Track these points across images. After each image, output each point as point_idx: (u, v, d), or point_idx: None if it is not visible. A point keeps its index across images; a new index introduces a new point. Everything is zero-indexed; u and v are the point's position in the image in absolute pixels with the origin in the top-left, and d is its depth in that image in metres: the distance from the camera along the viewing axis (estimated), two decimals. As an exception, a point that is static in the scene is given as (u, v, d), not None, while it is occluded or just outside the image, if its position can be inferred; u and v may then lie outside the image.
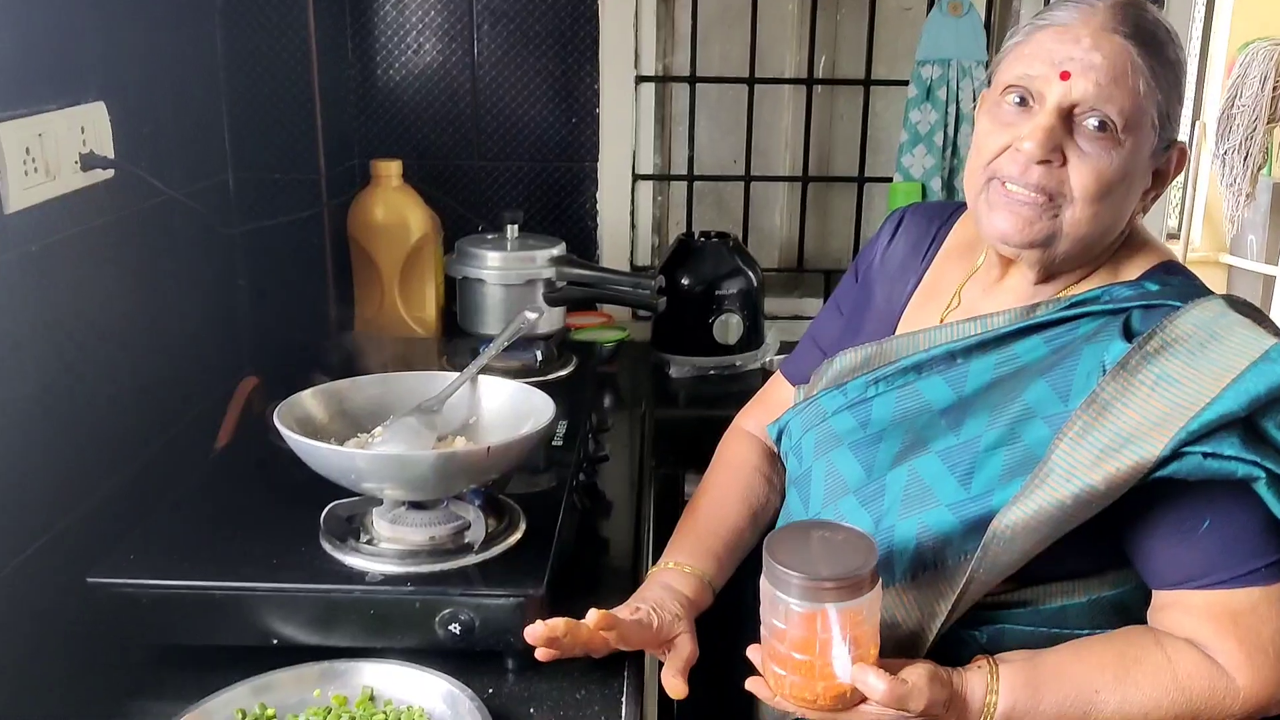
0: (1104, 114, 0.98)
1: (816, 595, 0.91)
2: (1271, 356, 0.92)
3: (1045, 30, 1.01)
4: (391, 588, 1.02)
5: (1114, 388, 0.95)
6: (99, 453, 1.32)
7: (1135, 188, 1.03)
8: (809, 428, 1.17)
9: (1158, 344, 0.96)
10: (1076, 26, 0.99)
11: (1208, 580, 0.96)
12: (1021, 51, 1.03)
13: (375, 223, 1.90)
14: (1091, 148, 0.99)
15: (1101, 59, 0.98)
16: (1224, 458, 0.91)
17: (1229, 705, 0.95)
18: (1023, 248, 1.04)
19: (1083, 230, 1.02)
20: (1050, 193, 1.00)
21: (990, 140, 1.03)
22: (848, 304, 1.29)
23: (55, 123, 1.23)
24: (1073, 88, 0.98)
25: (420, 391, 1.20)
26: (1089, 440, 0.94)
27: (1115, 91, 0.97)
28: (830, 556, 0.93)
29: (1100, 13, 1.00)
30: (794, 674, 0.95)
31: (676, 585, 1.12)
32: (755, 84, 2.19)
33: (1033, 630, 1.04)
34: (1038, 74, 1.00)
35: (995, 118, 1.04)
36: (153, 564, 1.05)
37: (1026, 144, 0.99)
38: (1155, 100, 0.99)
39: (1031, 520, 0.95)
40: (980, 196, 1.05)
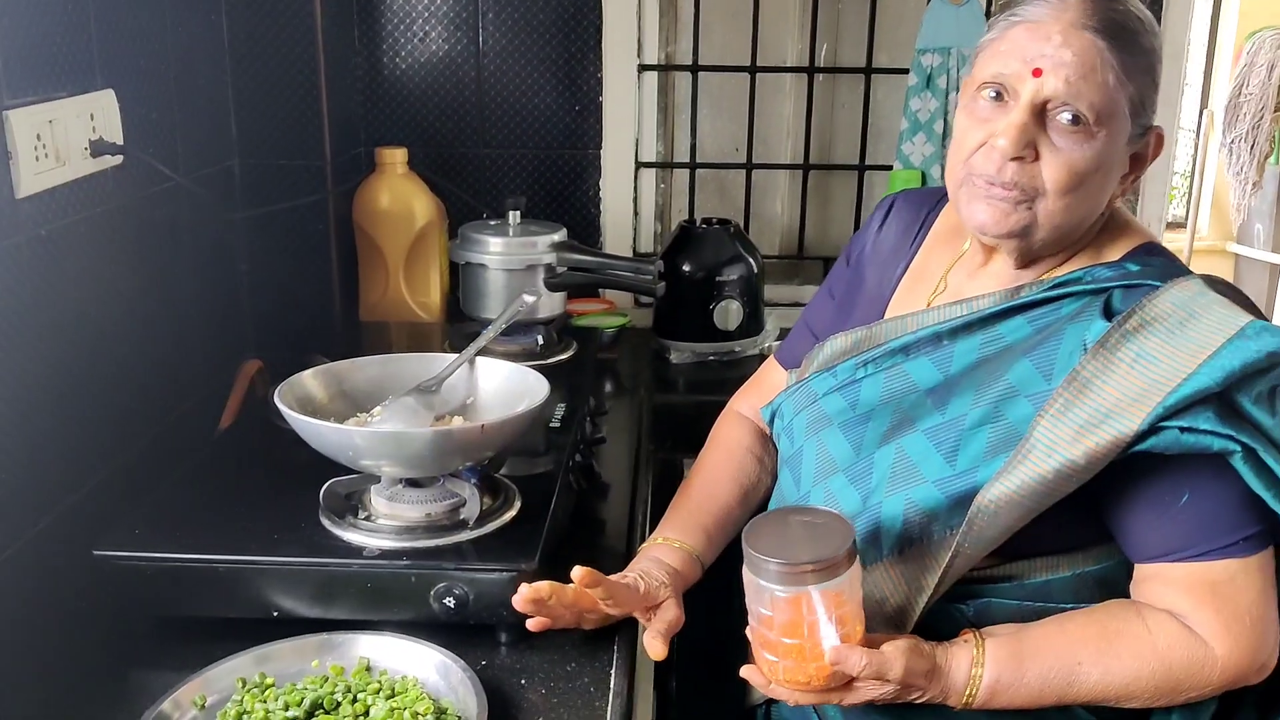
0: (1076, 109, 1.00)
1: (796, 579, 0.93)
2: (1247, 333, 0.95)
3: (1018, 26, 1.03)
4: (388, 562, 1.05)
5: (1094, 365, 0.98)
6: (106, 432, 1.36)
7: (1112, 175, 1.05)
8: (800, 409, 1.20)
9: (1137, 322, 0.99)
10: (1048, 23, 1.01)
11: (1187, 553, 0.99)
12: (996, 48, 1.04)
13: (380, 209, 1.93)
14: (1064, 142, 1.01)
15: (1072, 55, 0.99)
16: (1200, 432, 0.94)
17: (1208, 674, 0.98)
18: (1001, 238, 1.07)
19: (1058, 220, 1.04)
20: (1024, 187, 1.03)
21: (967, 136, 1.06)
22: (839, 289, 1.31)
23: (66, 110, 1.26)
24: (1044, 84, 1.00)
25: (419, 373, 1.22)
26: (1070, 416, 0.97)
27: (1086, 87, 0.99)
28: (807, 540, 0.95)
29: (1071, 8, 1.01)
30: (785, 659, 0.98)
31: (665, 558, 1.15)
32: (757, 73, 2.21)
33: (1019, 604, 1.07)
34: (1011, 71, 1.02)
35: (972, 113, 1.06)
36: (157, 538, 1.08)
37: (1000, 140, 1.02)
38: (1127, 91, 1.01)
39: (1014, 495, 0.98)
40: (960, 190, 1.08)
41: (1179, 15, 2.12)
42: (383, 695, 0.97)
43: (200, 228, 1.63)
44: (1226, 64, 4.39)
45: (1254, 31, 4.17)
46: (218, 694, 0.98)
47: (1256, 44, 4.07)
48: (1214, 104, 4.38)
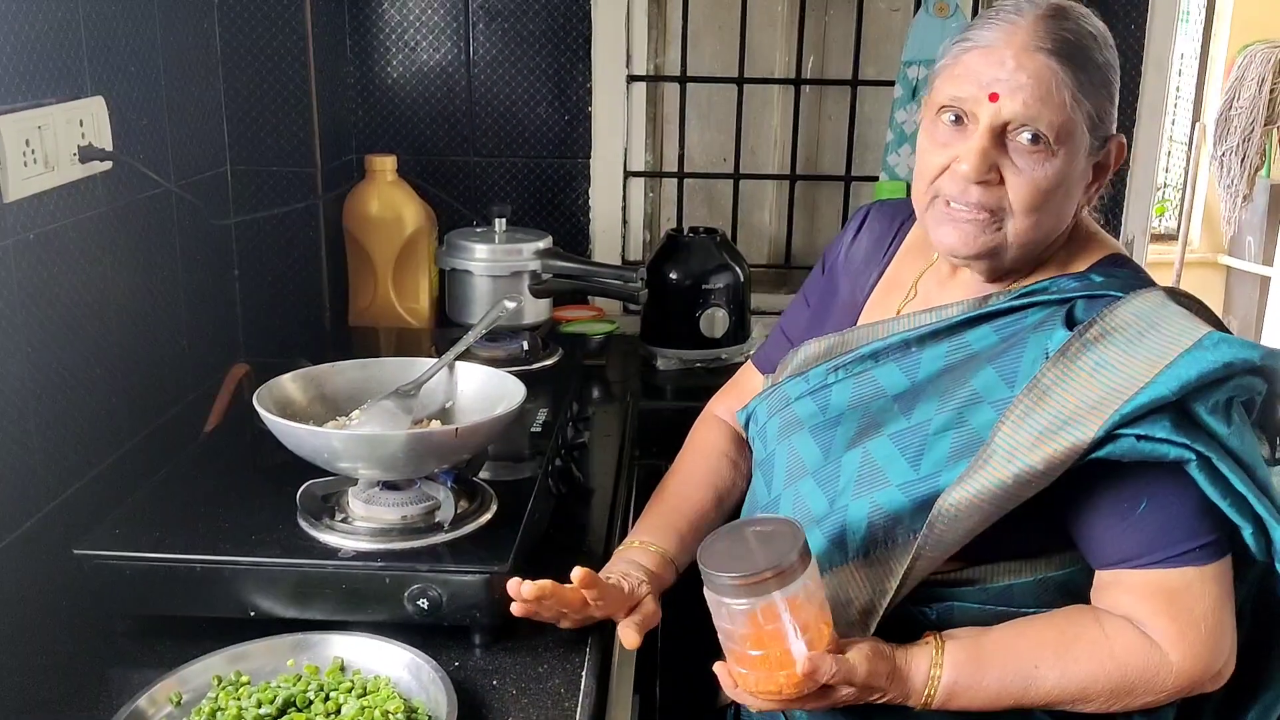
0: (1035, 129, 1.01)
1: (751, 590, 0.94)
2: (1205, 344, 0.96)
3: (971, 51, 1.04)
4: (363, 563, 1.07)
5: (1054, 373, 1.00)
6: (92, 435, 1.37)
7: (1075, 189, 1.07)
8: (773, 413, 1.21)
9: (1097, 332, 1.00)
10: (1000, 47, 1.02)
11: (1145, 560, 1.00)
12: (952, 73, 1.05)
13: (370, 216, 1.95)
14: (1026, 162, 1.02)
15: (1027, 78, 1.00)
16: (1156, 440, 0.95)
17: (1163, 679, 1.00)
18: (970, 259, 1.08)
19: (1026, 238, 1.06)
20: (990, 209, 1.04)
21: (930, 160, 1.07)
22: (815, 295, 1.33)
23: (55, 116, 1.28)
24: (1002, 108, 1.01)
25: (398, 377, 1.24)
26: (1029, 423, 0.98)
27: (1043, 108, 1.00)
28: (759, 550, 0.96)
29: (1022, 31, 1.02)
30: (753, 670, 0.99)
31: (641, 561, 1.17)
32: (745, 84, 2.23)
33: (981, 608, 1.08)
34: (968, 95, 1.03)
35: (933, 137, 1.07)
36: (137, 538, 1.10)
37: (963, 166, 1.03)
38: (1084, 108, 1.02)
39: (974, 499, 0.99)
40: (927, 212, 1.09)
41: (1163, 29, 2.14)
42: (354, 694, 0.98)
43: (191, 233, 1.65)
44: (1219, 78, 4.42)
45: (1245, 46, 4.21)
46: (193, 691, 0.99)
47: (1248, 58, 4.10)
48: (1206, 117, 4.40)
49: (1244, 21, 4.32)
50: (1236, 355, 0.96)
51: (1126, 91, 2.14)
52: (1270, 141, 4.04)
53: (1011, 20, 1.03)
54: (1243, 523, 0.98)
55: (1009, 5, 1.05)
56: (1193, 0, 4.51)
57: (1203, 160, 4.35)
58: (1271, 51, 4.02)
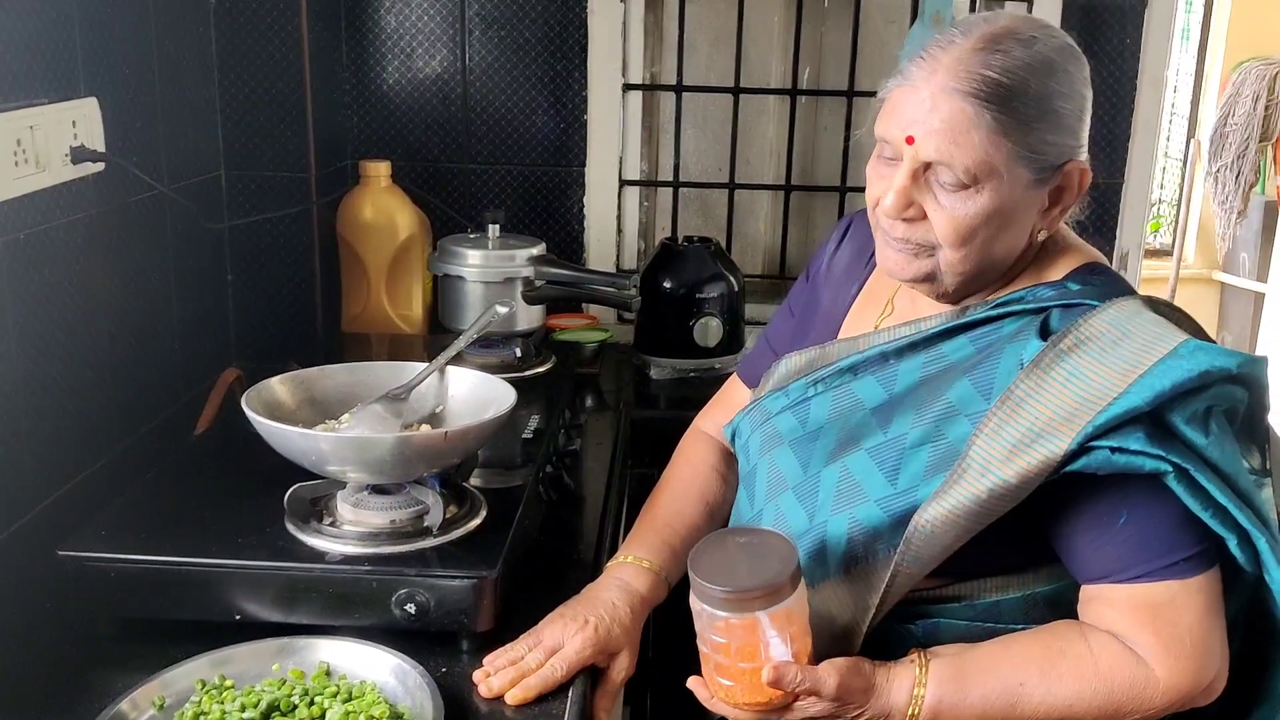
0: (950, 169, 0.99)
1: (743, 605, 0.94)
2: (1180, 353, 0.95)
3: (900, 89, 1.03)
4: (350, 568, 1.06)
5: (1028, 385, 0.98)
6: (81, 438, 1.37)
7: (1018, 218, 1.04)
8: (755, 428, 1.21)
9: (1071, 341, 0.99)
10: (920, 85, 1.00)
11: (1127, 574, 0.99)
12: (885, 110, 1.05)
13: (363, 222, 1.94)
14: (948, 200, 1.01)
15: (940, 122, 0.98)
16: (1131, 452, 0.94)
17: (1149, 695, 0.98)
18: (909, 283, 1.08)
19: (961, 269, 1.04)
20: (917, 242, 1.04)
21: (871, 189, 1.07)
22: (799, 305, 1.33)
23: (46, 116, 1.28)
24: (918, 151, 1.00)
25: (388, 381, 1.24)
26: (1003, 436, 0.97)
27: (956, 150, 0.98)
28: (752, 564, 0.95)
29: (941, 69, 0.99)
30: (734, 682, 0.98)
31: (632, 582, 1.15)
32: (740, 94, 2.23)
33: (968, 625, 1.07)
34: (892, 137, 1.02)
35: (874, 166, 1.07)
36: (122, 539, 1.09)
37: (885, 201, 1.03)
38: (1004, 146, 0.99)
39: (950, 515, 0.98)
40: (875, 234, 1.10)
41: (1158, 47, 2.15)
42: (339, 699, 0.97)
43: (183, 237, 1.64)
44: (1214, 94, 4.44)
45: (1240, 62, 4.23)
46: (176, 695, 0.98)
47: (1242, 75, 4.12)
48: (1201, 133, 4.42)
49: (1239, 39, 4.34)
50: (1213, 363, 0.94)
51: (1122, 107, 2.16)
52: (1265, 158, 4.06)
53: (935, 56, 1.00)
54: (1226, 534, 0.97)
55: (947, 33, 1.03)
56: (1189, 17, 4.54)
57: (1198, 176, 4.37)
58: (1266, 68, 4.04)
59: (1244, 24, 4.36)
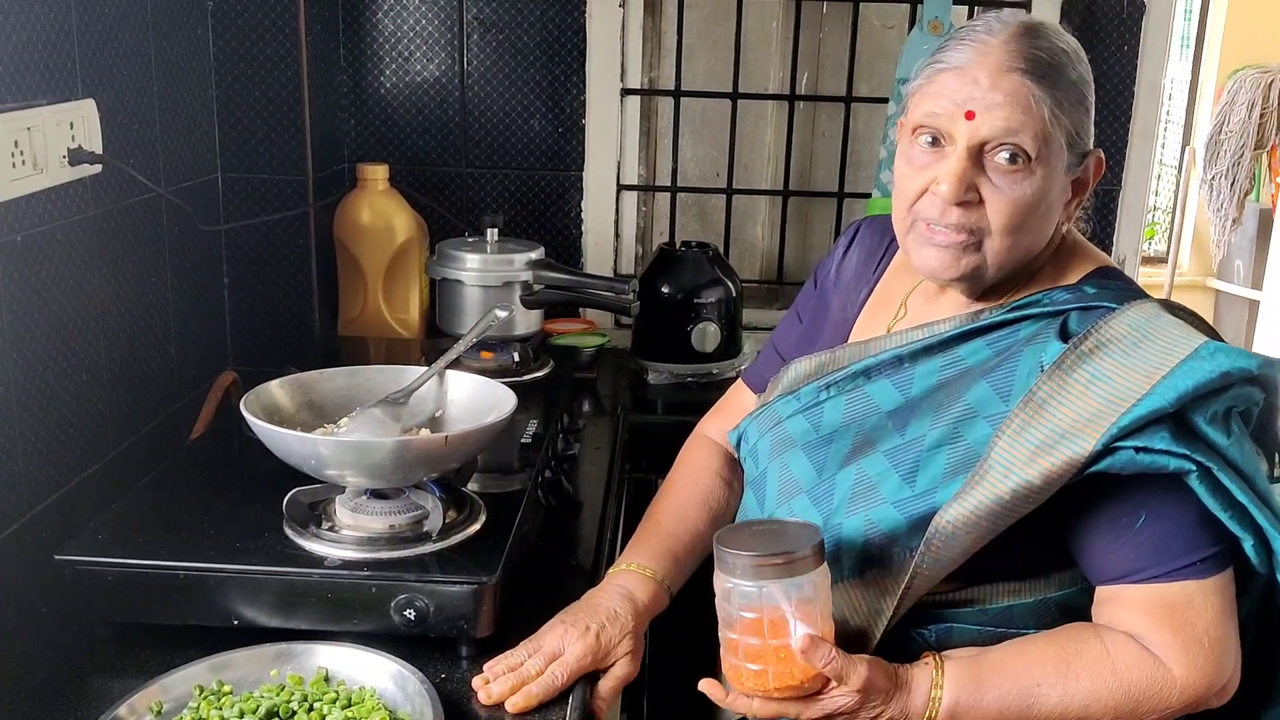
0: (1013, 148, 1.00)
1: (761, 573, 0.94)
2: (1201, 354, 0.96)
3: (945, 73, 1.03)
4: (349, 573, 1.05)
5: (1050, 386, 0.99)
6: (77, 441, 1.36)
7: (1055, 206, 1.06)
8: (765, 432, 1.20)
9: (1092, 344, 1.00)
10: (973, 68, 1.01)
11: (1144, 575, 0.99)
12: (926, 92, 1.04)
13: (360, 225, 1.94)
14: (1004, 181, 1.02)
15: (1003, 96, 1.00)
16: (1155, 451, 0.94)
17: (1167, 696, 0.98)
18: (953, 281, 1.08)
19: (1006, 258, 1.05)
20: (970, 229, 1.04)
21: (908, 184, 1.06)
22: (806, 311, 1.32)
23: (44, 117, 1.27)
24: (979, 127, 1.00)
25: (387, 385, 1.23)
26: (1026, 437, 0.97)
27: (1020, 126, 1.00)
28: (776, 540, 0.97)
29: (995, 50, 1.01)
30: (751, 662, 0.98)
31: (634, 590, 1.14)
32: (738, 99, 2.23)
33: (980, 630, 1.07)
34: (943, 113, 1.02)
35: (910, 160, 1.06)
36: (119, 544, 1.08)
37: (942, 187, 1.02)
38: (1062, 124, 1.01)
39: (972, 516, 0.98)
40: (908, 236, 1.09)
41: (1155, 54, 2.15)
42: (338, 705, 0.96)
43: (180, 239, 1.64)
44: (1209, 102, 4.45)
45: (1235, 70, 4.24)
46: (174, 701, 0.97)
47: (1237, 82, 4.14)
48: (1196, 141, 4.43)
49: (1234, 47, 4.36)
50: (1234, 364, 0.95)
51: (1119, 114, 2.16)
52: (1260, 166, 4.07)
53: (983, 40, 1.02)
54: (1243, 534, 0.97)
55: (979, 25, 1.04)
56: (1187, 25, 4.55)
57: (1193, 184, 4.38)
58: (1261, 76, 4.06)
59: (1239, 32, 4.38)
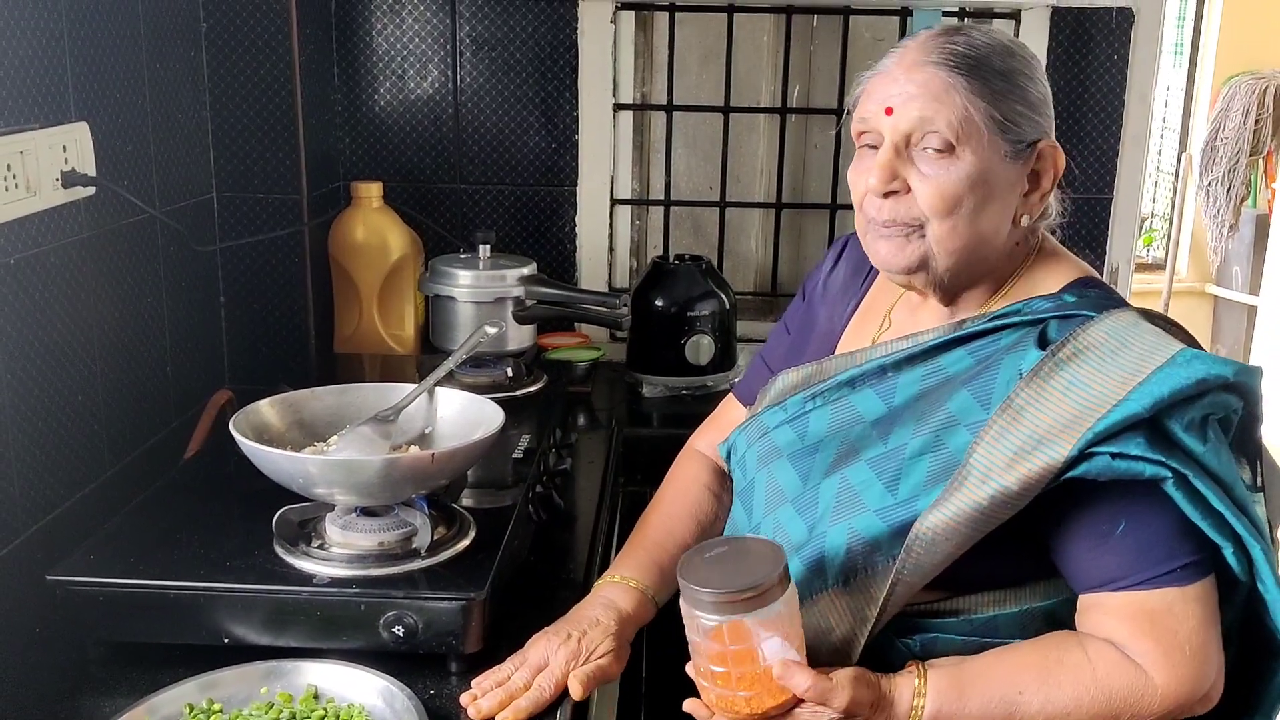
0: (932, 132, 1.04)
1: (725, 609, 0.94)
2: (1177, 361, 0.97)
3: (873, 79, 1.10)
4: (337, 590, 1.06)
5: (1028, 393, 1.00)
6: (72, 462, 1.37)
7: (998, 193, 1.07)
8: (752, 443, 1.21)
9: (1070, 351, 1.01)
10: (893, 69, 1.07)
11: (1125, 582, 1.00)
12: (860, 102, 1.10)
13: (355, 242, 1.95)
14: (930, 168, 1.05)
15: (915, 88, 1.05)
16: (1131, 458, 0.95)
17: (1148, 702, 0.99)
18: (905, 273, 1.10)
19: (951, 244, 1.07)
20: (906, 221, 1.07)
21: (856, 186, 1.11)
22: (795, 324, 1.34)
23: (37, 141, 1.29)
24: (898, 120, 1.05)
25: (377, 403, 1.24)
26: (1004, 443, 0.98)
27: (933, 111, 1.04)
28: (741, 567, 0.96)
29: (910, 51, 1.07)
30: (725, 688, 0.98)
31: (618, 600, 1.15)
32: (730, 112, 2.24)
33: (964, 640, 1.07)
34: (870, 115, 1.08)
35: (855, 166, 1.12)
36: (110, 564, 1.09)
37: (871, 180, 1.07)
38: (981, 110, 1.04)
39: (951, 522, 0.99)
40: (865, 237, 1.13)
41: (1145, 62, 2.16)
42: (327, 722, 0.97)
43: (175, 259, 1.65)
44: (1205, 108, 4.46)
45: (1231, 77, 4.25)
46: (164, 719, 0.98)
47: (1233, 89, 4.15)
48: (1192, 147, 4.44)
49: (1229, 53, 4.37)
50: (1209, 371, 0.96)
51: (1110, 123, 2.17)
52: (1256, 172, 4.08)
53: (905, 46, 1.09)
54: (1222, 541, 0.98)
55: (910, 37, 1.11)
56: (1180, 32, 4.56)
57: (1189, 190, 4.39)
58: (1256, 82, 4.07)
59: (1234, 38, 4.39)
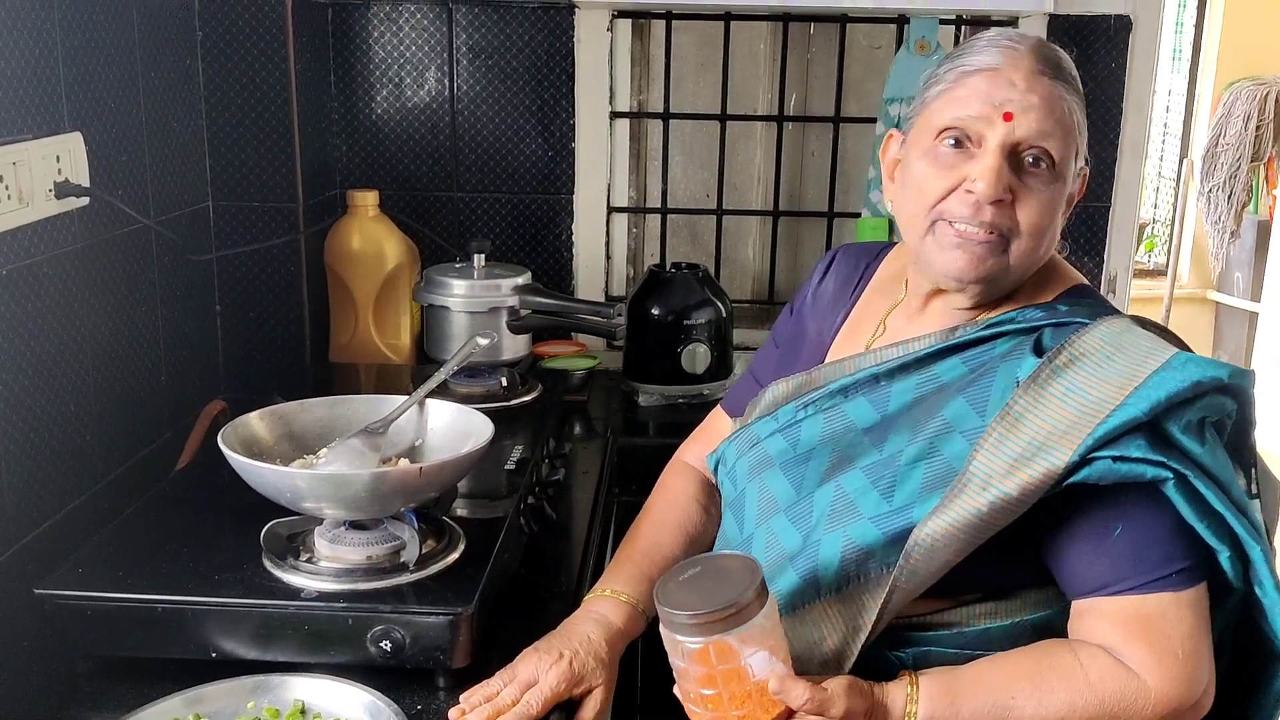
0: (1045, 149, 1.03)
1: (706, 629, 0.93)
2: (1172, 365, 0.97)
3: (975, 75, 1.05)
4: (325, 604, 1.06)
5: (1026, 400, 1.00)
6: (65, 472, 1.37)
7: (1061, 215, 1.09)
8: (743, 453, 1.21)
9: (1066, 358, 1.01)
10: (1006, 70, 1.04)
11: (1120, 587, 1.00)
12: (954, 95, 1.06)
13: (351, 251, 1.95)
14: (1036, 183, 1.04)
15: (1038, 99, 1.03)
16: (1132, 460, 0.96)
17: (1141, 707, 0.98)
18: (974, 283, 1.08)
19: (1027, 261, 1.07)
20: (1001, 230, 1.05)
21: (933, 184, 1.06)
22: (784, 337, 1.33)
23: (30, 151, 1.29)
24: (1016, 127, 1.03)
25: (367, 415, 1.23)
26: (1004, 450, 0.99)
27: (1059, 129, 1.03)
28: (717, 587, 0.95)
29: (1025, 56, 1.04)
30: (718, 710, 0.97)
31: (608, 615, 1.15)
32: (728, 120, 2.24)
33: (956, 652, 1.07)
34: (976, 115, 1.04)
35: (934, 161, 1.07)
36: (99, 577, 1.09)
37: (979, 184, 1.03)
38: (1082, 133, 1.06)
39: (951, 528, 0.99)
40: (926, 238, 1.09)
41: (1143, 69, 2.15)
42: (313, 738, 0.97)
43: (171, 269, 1.65)
44: (1206, 114, 4.45)
45: (1232, 83, 4.24)
46: (150, 735, 0.98)
47: (1233, 95, 4.14)
48: (1194, 153, 4.43)
49: (1230, 59, 4.36)
50: (1204, 374, 0.97)
51: (1108, 130, 2.16)
52: (1257, 178, 4.07)
53: (1011, 46, 1.05)
54: (1219, 545, 0.98)
55: (998, 36, 1.08)
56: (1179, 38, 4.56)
57: (1191, 196, 4.38)
58: (1257, 88, 4.06)
59: (1235, 44, 4.38)
